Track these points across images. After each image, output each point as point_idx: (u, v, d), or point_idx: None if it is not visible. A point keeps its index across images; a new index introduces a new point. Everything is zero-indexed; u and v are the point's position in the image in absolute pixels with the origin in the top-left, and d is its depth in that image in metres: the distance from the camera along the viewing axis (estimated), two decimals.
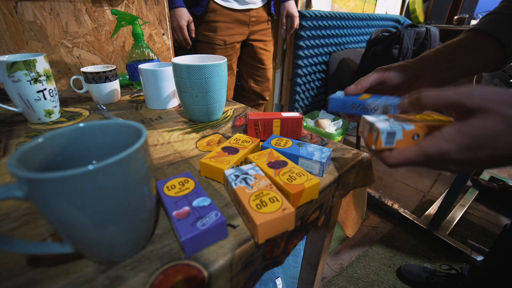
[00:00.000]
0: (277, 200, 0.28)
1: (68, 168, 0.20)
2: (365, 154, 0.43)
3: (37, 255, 0.24)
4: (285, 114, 0.46)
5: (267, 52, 1.22)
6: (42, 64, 0.51)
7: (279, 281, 0.70)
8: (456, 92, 0.25)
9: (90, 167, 0.17)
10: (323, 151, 0.37)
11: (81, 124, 0.23)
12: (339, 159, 0.42)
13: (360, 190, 0.47)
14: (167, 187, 0.30)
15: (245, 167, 0.33)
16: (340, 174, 0.38)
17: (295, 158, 0.37)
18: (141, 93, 0.74)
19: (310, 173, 0.36)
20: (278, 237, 0.29)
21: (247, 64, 1.25)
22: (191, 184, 0.31)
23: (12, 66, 0.47)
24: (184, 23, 0.99)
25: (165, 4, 0.88)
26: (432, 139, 0.26)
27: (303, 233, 0.35)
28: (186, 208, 0.27)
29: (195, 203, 0.28)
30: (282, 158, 0.36)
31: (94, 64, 0.81)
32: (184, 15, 0.98)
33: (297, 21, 1.22)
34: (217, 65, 0.47)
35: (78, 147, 0.24)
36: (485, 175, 1.57)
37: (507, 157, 0.24)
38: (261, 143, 0.42)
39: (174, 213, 0.26)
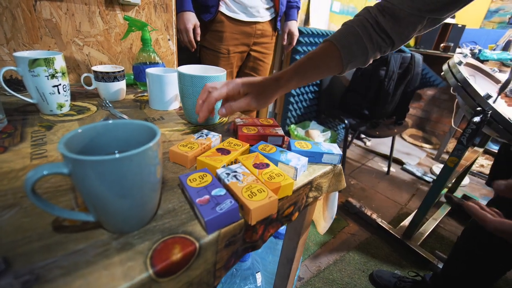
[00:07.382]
0: (264, 190, 0.35)
1: (95, 154, 0.26)
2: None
3: (62, 224, 0.30)
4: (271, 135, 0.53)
5: (264, 64, 1.29)
6: (59, 62, 0.56)
7: (258, 275, 0.76)
8: None
9: (120, 155, 0.24)
10: (299, 159, 0.45)
11: (110, 121, 0.30)
12: (315, 166, 0.49)
13: (332, 194, 0.54)
14: (190, 180, 0.36)
15: (233, 167, 0.40)
16: (313, 178, 0.45)
17: (275, 162, 0.44)
18: (145, 93, 0.80)
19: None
20: (258, 223, 0.36)
21: (242, 72, 1.31)
22: (209, 178, 0.37)
23: (33, 62, 0.53)
24: (190, 26, 1.03)
25: (173, 13, 0.95)
26: None
27: (278, 225, 0.42)
28: (207, 196, 0.33)
29: (213, 192, 0.34)
30: (266, 161, 0.43)
31: (102, 62, 0.87)
32: (192, 19, 1.03)
33: (295, 40, 1.31)
34: (217, 77, 0.54)
35: (103, 139, 0.30)
36: (459, 192, 1.68)
37: None
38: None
39: (197, 200, 0.33)
